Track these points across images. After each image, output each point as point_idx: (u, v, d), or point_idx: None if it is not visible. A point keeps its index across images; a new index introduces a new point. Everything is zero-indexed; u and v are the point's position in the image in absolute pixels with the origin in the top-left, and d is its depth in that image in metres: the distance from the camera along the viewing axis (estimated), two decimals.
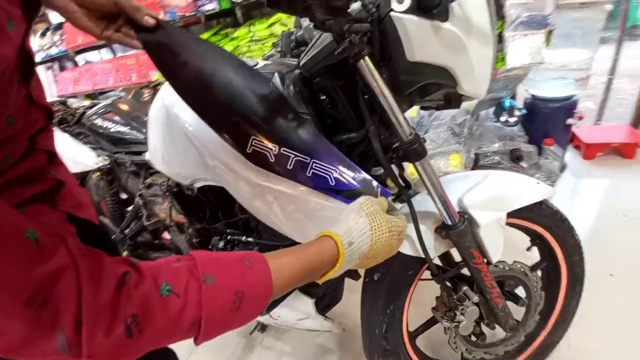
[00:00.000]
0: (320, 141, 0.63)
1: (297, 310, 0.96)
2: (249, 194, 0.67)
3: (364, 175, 0.62)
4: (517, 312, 0.85)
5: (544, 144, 1.78)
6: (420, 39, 0.54)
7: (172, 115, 0.74)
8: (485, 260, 0.74)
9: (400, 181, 0.67)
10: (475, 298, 0.76)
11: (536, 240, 0.90)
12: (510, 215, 0.77)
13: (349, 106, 0.68)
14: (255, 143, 0.60)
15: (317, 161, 0.61)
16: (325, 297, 1.02)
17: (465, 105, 1.96)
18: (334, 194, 0.61)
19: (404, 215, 0.64)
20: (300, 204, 0.64)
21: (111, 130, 1.05)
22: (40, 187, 0.47)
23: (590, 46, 1.58)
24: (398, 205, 0.70)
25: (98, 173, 1.09)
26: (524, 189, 0.79)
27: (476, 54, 0.57)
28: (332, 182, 0.61)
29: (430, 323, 0.91)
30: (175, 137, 0.78)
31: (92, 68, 2.77)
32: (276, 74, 0.68)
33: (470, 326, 0.78)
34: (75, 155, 1.07)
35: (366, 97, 0.64)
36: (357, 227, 0.51)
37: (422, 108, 0.80)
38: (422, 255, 0.72)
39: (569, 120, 1.75)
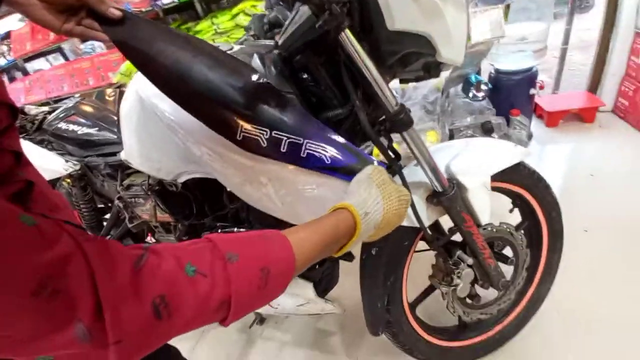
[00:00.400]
0: (310, 120, 0.62)
1: (297, 296, 0.95)
2: (240, 179, 0.65)
3: (358, 150, 0.62)
4: (507, 272, 0.89)
5: (511, 115, 1.87)
6: (399, 7, 0.55)
7: (148, 107, 0.70)
8: (475, 223, 0.77)
9: (390, 153, 0.68)
10: (470, 260, 0.79)
11: (517, 201, 0.95)
12: (493, 178, 0.80)
13: (333, 82, 0.67)
14: (244, 129, 0.58)
15: (310, 141, 0.60)
16: (322, 281, 1.02)
17: (434, 83, 2.01)
18: (331, 172, 0.61)
19: None
20: (294, 184, 0.63)
21: (78, 133, 0.98)
22: (9, 190, 0.44)
23: (545, 18, 1.66)
24: None
25: (69, 180, 1.02)
26: (503, 152, 0.83)
27: (452, 20, 0.58)
28: (328, 161, 0.60)
29: (427, 292, 0.94)
30: (154, 130, 0.74)
31: (44, 75, 2.57)
32: (255, 55, 0.67)
33: (467, 288, 0.82)
34: (41, 162, 0.99)
35: (349, 72, 0.64)
36: (371, 197, 0.51)
37: (402, 81, 0.81)
38: (417, 225, 0.73)
39: (532, 91, 1.84)
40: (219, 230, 0.86)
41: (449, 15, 0.58)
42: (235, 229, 0.85)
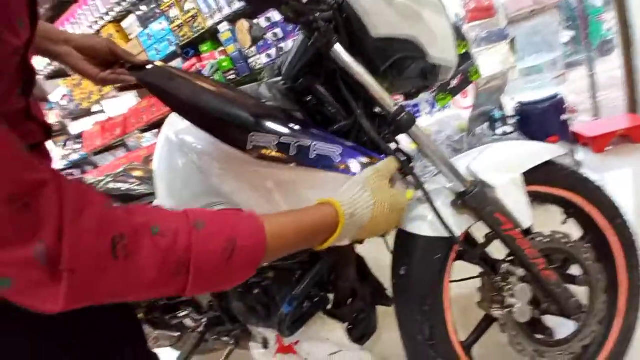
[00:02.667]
0: (316, 129, 0.66)
1: (328, 341, 0.85)
2: (250, 188, 0.67)
3: (366, 150, 0.63)
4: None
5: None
6: (378, 13, 0.60)
7: (176, 144, 0.77)
8: (515, 227, 0.68)
9: (399, 155, 0.66)
10: (520, 271, 0.67)
11: (569, 209, 0.83)
12: (528, 182, 0.73)
13: (335, 99, 0.71)
14: (253, 139, 0.62)
15: (318, 143, 0.63)
16: (357, 326, 0.91)
17: (458, 125, 2.02)
18: (344, 171, 0.61)
19: (412, 188, 0.63)
20: (302, 184, 0.63)
21: (121, 189, 1.10)
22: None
23: (554, 46, 1.69)
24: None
25: None
26: (530, 150, 0.76)
27: (432, 22, 0.63)
28: (338, 159, 0.62)
29: (483, 327, 0.79)
30: (178, 166, 0.80)
31: (109, 166, 3.02)
32: (263, 84, 0.74)
33: (527, 310, 0.67)
34: None
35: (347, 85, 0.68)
36: (362, 200, 0.53)
37: (407, 97, 0.83)
38: (445, 234, 0.66)
39: (563, 116, 1.76)
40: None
41: (427, 17, 0.62)
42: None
